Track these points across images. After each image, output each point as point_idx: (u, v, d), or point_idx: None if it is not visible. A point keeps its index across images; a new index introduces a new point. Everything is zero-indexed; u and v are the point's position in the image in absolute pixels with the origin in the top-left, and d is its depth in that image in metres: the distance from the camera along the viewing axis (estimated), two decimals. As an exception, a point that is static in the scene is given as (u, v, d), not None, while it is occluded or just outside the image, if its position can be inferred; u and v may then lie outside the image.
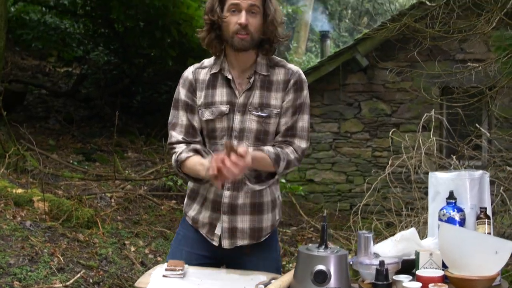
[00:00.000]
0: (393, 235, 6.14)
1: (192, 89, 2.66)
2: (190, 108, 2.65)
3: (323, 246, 2.34)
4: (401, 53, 9.16)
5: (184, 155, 2.55)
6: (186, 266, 2.56)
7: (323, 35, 17.15)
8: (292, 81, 2.62)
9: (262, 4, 2.54)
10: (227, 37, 2.56)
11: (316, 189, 9.72)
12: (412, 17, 4.16)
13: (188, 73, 2.71)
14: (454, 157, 5.97)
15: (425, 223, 5.84)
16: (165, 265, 2.58)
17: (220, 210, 2.64)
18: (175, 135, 2.65)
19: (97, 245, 5.71)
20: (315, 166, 9.71)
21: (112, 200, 7.22)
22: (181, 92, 2.68)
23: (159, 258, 5.87)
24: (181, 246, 2.76)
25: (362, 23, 27.63)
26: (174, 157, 2.61)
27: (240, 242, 2.66)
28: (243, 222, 2.65)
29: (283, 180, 8.55)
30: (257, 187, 2.62)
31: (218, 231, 2.66)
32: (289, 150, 2.60)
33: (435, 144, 6.10)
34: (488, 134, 5.77)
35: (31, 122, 11.00)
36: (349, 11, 27.89)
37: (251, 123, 2.59)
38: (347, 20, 27.70)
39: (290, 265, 6.41)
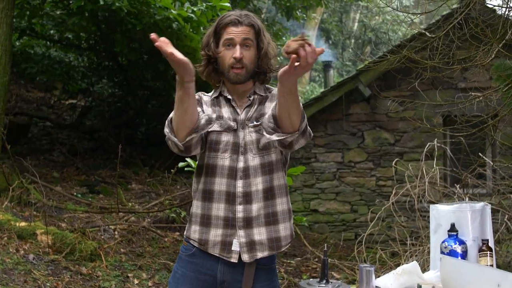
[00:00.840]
0: (398, 264, 6.14)
1: (199, 103, 2.66)
2: (198, 103, 2.64)
3: (324, 281, 2.33)
4: (403, 83, 9.17)
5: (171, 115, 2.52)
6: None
7: (326, 65, 17.24)
8: None
9: (256, 38, 2.61)
10: (223, 71, 2.62)
11: (321, 219, 9.68)
12: (412, 49, 4.17)
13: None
14: (458, 186, 5.95)
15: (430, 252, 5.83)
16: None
17: (235, 226, 2.63)
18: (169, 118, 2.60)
19: (100, 278, 5.69)
20: (319, 196, 9.68)
21: (116, 233, 7.21)
22: None
23: (162, 291, 5.84)
24: (179, 285, 2.73)
25: (365, 52, 27.77)
26: (166, 126, 2.54)
27: (260, 254, 2.64)
28: (260, 234, 2.64)
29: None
30: (274, 137, 2.48)
31: (235, 247, 2.64)
32: None
33: (439, 173, 6.09)
34: (491, 163, 5.74)
35: (35, 155, 11.05)
36: (352, 41, 28.07)
37: (251, 135, 2.62)
38: (350, 50, 27.87)
39: (294, 296, 6.36)
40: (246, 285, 2.68)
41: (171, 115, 2.53)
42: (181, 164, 6.13)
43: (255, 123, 2.61)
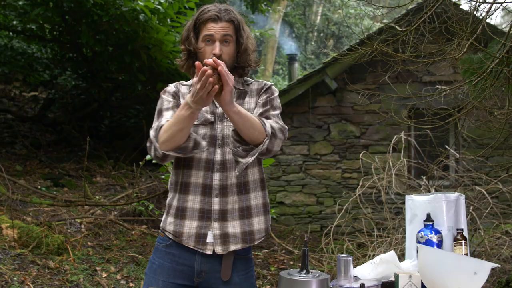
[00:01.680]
0: (365, 255, 6.22)
1: (176, 96, 2.72)
2: (177, 106, 2.64)
3: (305, 271, 2.35)
4: (369, 76, 9.31)
5: (164, 121, 2.54)
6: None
7: (291, 58, 17.29)
8: (264, 89, 2.74)
9: (235, 33, 2.66)
10: None
11: (287, 211, 9.73)
12: (383, 42, 4.22)
13: (170, 86, 2.78)
14: (424, 178, 6.06)
15: (397, 243, 5.92)
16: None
17: (210, 218, 2.66)
18: (163, 120, 2.61)
19: (68, 272, 5.62)
20: (285, 189, 9.73)
21: (82, 226, 7.13)
22: (165, 99, 2.71)
23: (131, 284, 5.79)
24: (157, 276, 2.74)
25: (328, 45, 27.96)
26: (154, 127, 2.57)
27: (233, 247, 2.68)
28: (234, 227, 2.67)
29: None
30: (249, 159, 2.54)
31: (210, 239, 2.66)
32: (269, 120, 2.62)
33: (405, 165, 6.18)
34: (458, 155, 5.86)
35: (-4, 148, 10.84)
36: (315, 34, 28.21)
37: (229, 129, 2.64)
38: (313, 43, 28.01)
39: (263, 287, 6.39)
40: (224, 275, 2.70)
41: (163, 122, 2.54)
42: (148, 157, 6.09)
43: None
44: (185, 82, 2.82)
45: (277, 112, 2.70)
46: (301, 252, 2.42)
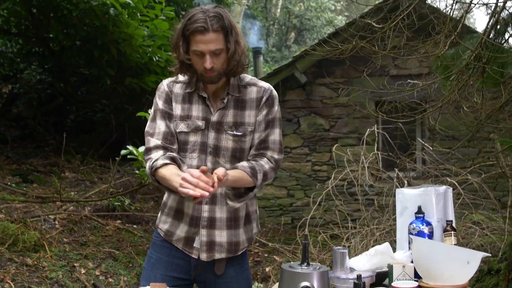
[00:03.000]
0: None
1: (169, 99, 2.73)
2: (169, 116, 2.71)
3: (306, 263, 2.43)
4: (338, 69, 9.45)
5: (159, 162, 2.57)
6: (166, 288, 2.60)
7: (256, 52, 17.32)
8: (264, 98, 2.73)
9: (225, 41, 2.58)
10: (196, 72, 2.66)
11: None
12: (360, 38, 4.33)
13: (164, 85, 2.78)
14: (397, 170, 6.21)
15: (372, 234, 6.07)
16: (146, 288, 2.61)
17: (199, 225, 2.70)
18: (153, 140, 2.67)
19: (47, 268, 5.62)
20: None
21: (56, 222, 7.09)
22: (159, 103, 2.74)
23: (110, 280, 5.82)
24: (155, 270, 2.79)
25: (289, 38, 28.11)
26: (149, 163, 2.62)
27: (218, 256, 2.73)
28: (221, 236, 2.72)
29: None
30: (237, 204, 2.67)
31: (196, 244, 2.71)
32: (263, 161, 2.69)
33: (380, 158, 6.33)
34: (431, 148, 6.03)
35: (-41, 143, 10.65)
36: (276, 27, 28.29)
37: (227, 142, 2.68)
38: (274, 36, 28.09)
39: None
40: (219, 269, 2.77)
41: (152, 163, 2.60)
42: (123, 152, 6.08)
43: (235, 133, 2.67)
44: (180, 79, 2.78)
45: (277, 134, 2.75)
46: (301, 246, 2.50)
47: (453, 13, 3.82)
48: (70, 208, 7.72)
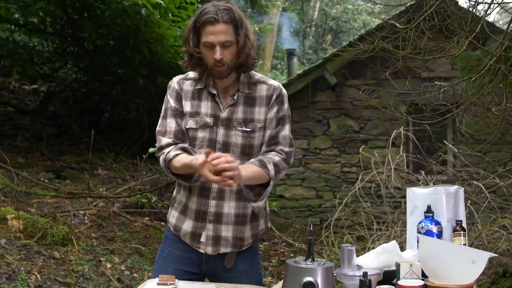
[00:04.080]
0: (364, 248, 6.33)
1: (179, 97, 2.77)
2: (180, 114, 2.75)
3: (310, 259, 2.45)
4: (368, 71, 9.41)
5: (172, 153, 2.63)
6: (176, 280, 2.64)
7: (289, 53, 17.34)
8: (274, 96, 2.76)
9: (234, 33, 2.63)
10: (206, 66, 2.68)
11: (287, 204, 9.85)
12: (383, 39, 4.32)
13: (174, 83, 2.81)
14: (423, 172, 6.16)
15: (396, 236, 6.03)
16: (155, 280, 2.65)
17: (205, 220, 2.74)
18: (164, 139, 2.72)
19: (73, 262, 5.73)
20: (285, 182, 9.84)
21: (86, 218, 7.23)
22: (170, 101, 2.78)
23: (135, 275, 5.91)
24: (167, 263, 2.84)
25: (326, 40, 28.03)
26: (162, 157, 2.68)
27: (223, 250, 2.76)
28: (227, 231, 2.75)
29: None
30: (260, 202, 2.72)
31: (203, 239, 2.75)
32: (271, 154, 2.71)
33: (404, 160, 6.28)
34: (456, 150, 5.97)
35: (-3, 140, 10.92)
36: (313, 29, 28.25)
37: (237, 138, 2.71)
38: (311, 38, 28.05)
39: (265, 279, 6.50)
40: (228, 263, 2.80)
41: (165, 155, 2.66)
42: (151, 150, 6.18)
43: (244, 129, 2.71)
44: (190, 76, 2.81)
45: (287, 130, 2.77)
46: (306, 242, 2.52)
47: (473, 13, 3.78)
48: (99, 204, 7.87)
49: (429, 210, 2.69)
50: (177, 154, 2.62)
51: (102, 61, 11.04)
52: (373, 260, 2.68)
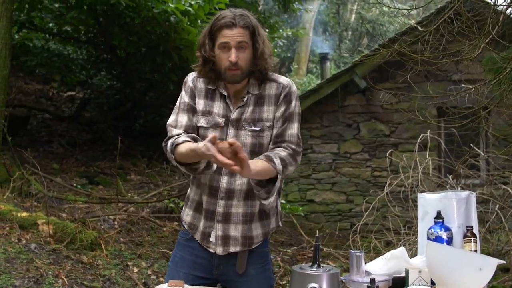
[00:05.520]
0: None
1: (192, 94, 2.79)
2: (192, 110, 2.77)
3: (316, 265, 2.45)
4: (398, 75, 9.30)
5: (182, 139, 2.64)
6: (186, 286, 2.67)
7: (323, 57, 17.33)
8: (283, 95, 2.75)
9: (251, 38, 2.66)
10: (219, 71, 2.70)
11: (317, 209, 9.82)
12: (404, 43, 4.29)
13: (189, 80, 2.84)
14: (450, 176, 6.08)
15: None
16: (165, 285, 2.68)
17: (214, 219, 2.75)
18: (175, 130, 2.74)
19: (101, 266, 5.81)
20: (315, 187, 9.81)
21: (115, 223, 7.33)
22: (185, 97, 2.81)
23: (161, 279, 5.95)
24: (178, 268, 2.86)
25: (362, 44, 27.87)
26: (170, 141, 2.68)
27: (233, 249, 2.77)
28: (236, 230, 2.76)
29: (283, 201, 8.64)
30: (271, 198, 2.68)
31: (213, 238, 2.77)
32: (277, 149, 2.70)
33: (431, 164, 6.21)
34: (483, 154, 5.87)
35: (34, 146, 11.13)
36: (350, 33, 28.12)
37: (246, 138, 2.72)
38: (347, 41, 27.91)
39: (290, 284, 6.49)
40: (240, 268, 2.81)
41: (175, 132, 2.70)
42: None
43: (253, 128, 2.71)
44: (201, 76, 2.81)
45: (295, 128, 2.75)
46: (313, 247, 2.52)
47: (492, 15, 3.73)
48: (130, 209, 7.96)
49: (439, 215, 2.67)
50: (186, 141, 2.62)
51: (134, 67, 11.20)
52: (382, 266, 2.66)
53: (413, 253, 5.80)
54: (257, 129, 2.72)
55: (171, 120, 2.81)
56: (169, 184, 8.98)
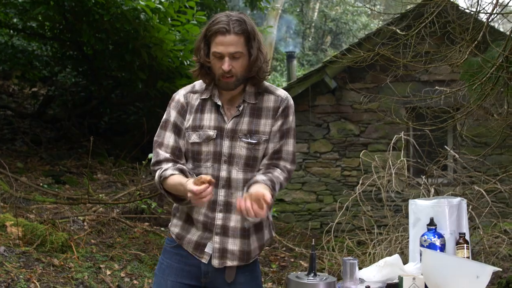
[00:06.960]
0: (365, 253, 6.30)
1: (183, 111, 2.75)
2: (178, 130, 2.73)
3: (312, 274, 2.43)
4: (368, 75, 9.39)
5: (169, 172, 2.61)
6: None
7: (289, 56, 17.34)
8: (281, 108, 2.72)
9: (246, 45, 2.61)
10: (214, 76, 2.66)
11: (287, 208, 9.83)
12: (383, 45, 4.30)
13: (180, 96, 2.79)
14: (424, 177, 6.13)
15: (397, 242, 6.01)
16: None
17: (212, 231, 2.71)
18: (162, 153, 2.71)
19: (73, 269, 5.69)
20: (285, 186, 9.79)
21: (85, 224, 7.20)
22: (172, 114, 2.76)
23: (135, 282, 5.87)
24: (166, 276, 2.82)
25: (325, 42, 28.04)
26: (158, 172, 2.66)
27: (230, 263, 2.73)
28: (234, 244, 2.72)
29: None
30: (258, 219, 2.64)
31: (208, 249, 2.72)
32: (277, 172, 2.69)
33: (405, 164, 6.26)
34: (457, 155, 5.94)
35: (-3, 144, 10.90)
36: (312, 30, 28.26)
37: (241, 149, 2.67)
38: (310, 39, 28.05)
39: (265, 284, 6.47)
40: (229, 277, 2.77)
41: (162, 171, 2.65)
42: (150, 155, 6.14)
43: (249, 140, 2.67)
44: (196, 88, 2.80)
45: (291, 145, 2.75)
46: (309, 255, 2.50)
47: (475, 20, 3.76)
48: (99, 210, 7.83)
49: (431, 222, 2.67)
50: (173, 174, 2.61)
51: (101, 65, 11.02)
52: (375, 274, 2.66)
53: (388, 254, 5.85)
54: (254, 141, 2.68)
55: (157, 136, 2.77)
56: (138, 183, 8.85)
